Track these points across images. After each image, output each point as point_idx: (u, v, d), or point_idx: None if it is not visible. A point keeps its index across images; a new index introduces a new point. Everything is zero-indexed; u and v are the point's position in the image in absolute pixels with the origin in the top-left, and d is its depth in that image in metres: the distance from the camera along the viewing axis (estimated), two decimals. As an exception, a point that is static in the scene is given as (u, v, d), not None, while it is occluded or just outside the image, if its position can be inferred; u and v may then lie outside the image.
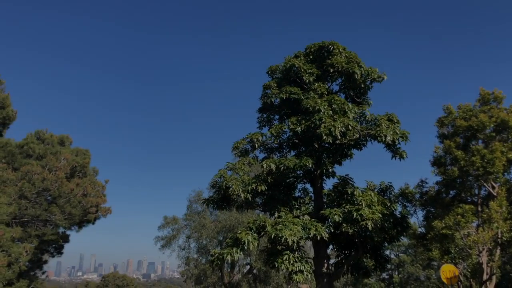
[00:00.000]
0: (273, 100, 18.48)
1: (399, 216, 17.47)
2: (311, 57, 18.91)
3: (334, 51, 18.37)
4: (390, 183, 17.84)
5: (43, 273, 24.93)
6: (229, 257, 14.54)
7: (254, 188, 16.34)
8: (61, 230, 22.86)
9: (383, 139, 15.75)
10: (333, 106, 16.38)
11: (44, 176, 19.12)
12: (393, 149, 16.66)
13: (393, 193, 18.00)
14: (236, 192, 16.05)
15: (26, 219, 19.79)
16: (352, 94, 18.67)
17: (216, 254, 15.12)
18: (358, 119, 17.25)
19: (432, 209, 21.42)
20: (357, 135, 16.39)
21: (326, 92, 17.70)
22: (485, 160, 18.13)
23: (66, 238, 23.99)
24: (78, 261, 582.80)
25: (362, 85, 18.10)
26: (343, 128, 15.47)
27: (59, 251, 24.56)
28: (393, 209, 16.48)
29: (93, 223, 24.07)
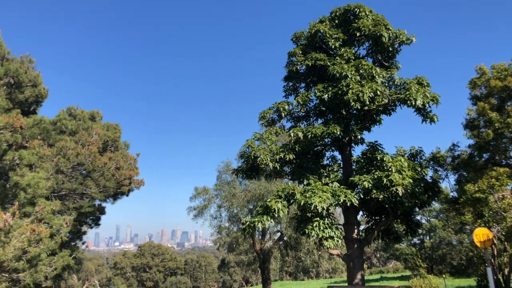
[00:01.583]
0: (298, 68, 18.24)
1: (430, 181, 17.25)
2: (336, 21, 18.44)
3: (360, 14, 17.84)
4: (421, 147, 17.54)
5: (83, 243, 26.04)
6: (260, 225, 14.80)
7: (282, 157, 16.40)
8: (97, 202, 23.68)
9: (413, 103, 15.40)
10: (361, 71, 16.04)
11: (78, 151, 19.71)
12: (424, 113, 16.30)
13: (424, 158, 17.71)
14: (264, 161, 16.16)
15: (63, 192, 20.58)
16: (380, 58, 18.21)
17: (247, 222, 15.40)
18: (386, 84, 16.89)
19: (465, 173, 20.97)
20: (386, 100, 16.08)
21: (353, 57, 17.31)
22: (522, 121, 17.48)
23: (102, 210, 24.88)
24: (115, 232, 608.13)
25: (390, 49, 17.59)
26: (371, 94, 15.18)
27: (96, 222, 25.54)
28: (424, 174, 16.26)
29: (127, 195, 24.81)
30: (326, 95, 16.20)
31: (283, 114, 17.81)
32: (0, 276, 13.98)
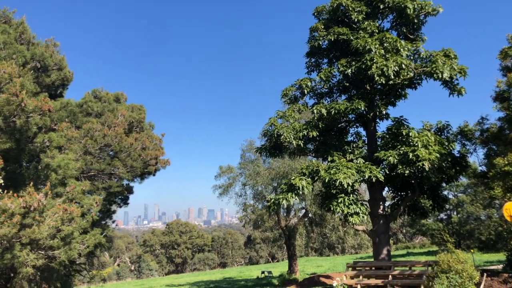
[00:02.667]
0: (320, 43, 17.96)
1: (458, 155, 16.93)
2: (359, -7, 17.96)
3: (384, -15, 17.30)
4: (448, 122, 17.17)
5: (113, 222, 26.71)
6: (284, 202, 14.91)
7: (306, 134, 16.34)
8: (125, 182, 24.15)
9: (440, 76, 14.99)
10: (385, 44, 15.67)
11: (104, 133, 20.08)
12: (451, 86, 15.87)
13: (451, 132, 17.35)
14: (288, 139, 16.14)
15: (92, 173, 21.10)
16: (404, 30, 17.71)
17: (272, 200, 15.53)
18: (412, 57, 16.47)
19: (494, 147, 20.44)
20: (412, 74, 15.71)
21: (376, 31, 16.90)
22: (554, 92, 16.83)
23: (130, 190, 25.41)
24: (143, 210, 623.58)
25: (415, 20, 17.07)
26: (396, 67, 14.85)
27: (125, 201, 26.14)
28: (451, 148, 15.95)
29: (154, 175, 25.19)
30: (350, 70, 15.94)
31: (305, 91, 17.66)
32: (37, 253, 14.58)
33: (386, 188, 18.05)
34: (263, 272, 36.42)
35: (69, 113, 20.92)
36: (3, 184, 12.77)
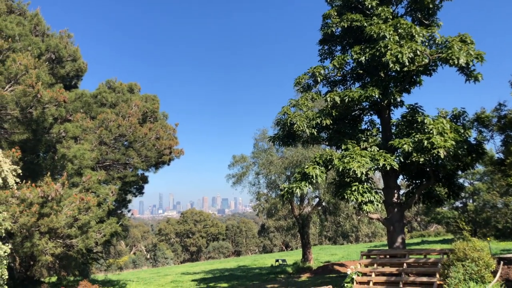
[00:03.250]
0: (334, 30, 17.76)
1: (474, 142, 16.67)
2: (373, -21, 17.65)
3: (398, -31, 16.98)
4: (464, 108, 16.89)
5: (129, 211, 27.13)
6: (298, 191, 14.91)
7: (319, 122, 16.25)
8: (139, 172, 24.44)
9: (456, 62, 14.69)
10: (399, 31, 15.42)
11: (119, 123, 20.26)
12: (467, 72, 15.55)
13: (467, 119, 17.07)
14: (301, 128, 16.08)
15: (107, 163, 21.36)
16: (419, 16, 17.39)
17: (286, 189, 15.54)
18: (427, 43, 16.18)
19: (512, 134, 20.10)
20: (427, 60, 15.45)
21: (391, 17, 16.62)
22: None
23: (145, 179, 25.72)
24: (158, 200, 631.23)
25: (431, 5, 16.73)
26: (411, 54, 14.61)
27: (140, 191, 26.49)
28: (467, 135, 15.71)
29: (168, 164, 25.41)
30: (363, 57, 15.75)
31: (318, 79, 17.52)
32: (55, 242, 14.89)
33: (401, 176, 17.91)
34: (277, 260, 36.64)
35: (84, 104, 21.16)
36: (21, 174, 13.04)
